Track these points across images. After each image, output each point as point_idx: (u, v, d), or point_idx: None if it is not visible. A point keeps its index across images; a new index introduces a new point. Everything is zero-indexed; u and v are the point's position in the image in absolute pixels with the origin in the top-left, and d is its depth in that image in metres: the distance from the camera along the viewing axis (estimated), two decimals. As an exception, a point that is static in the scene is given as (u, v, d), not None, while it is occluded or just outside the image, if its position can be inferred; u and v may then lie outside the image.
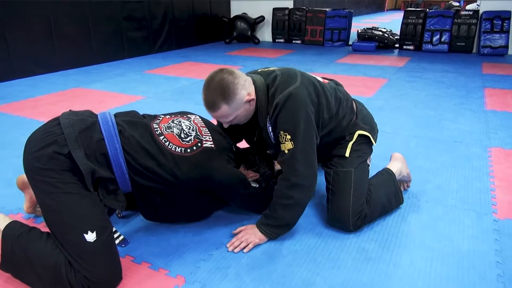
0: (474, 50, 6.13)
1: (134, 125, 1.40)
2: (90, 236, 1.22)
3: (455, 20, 6.06)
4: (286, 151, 1.45)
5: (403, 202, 1.76)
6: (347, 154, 1.61)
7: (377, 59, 5.65)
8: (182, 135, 1.44)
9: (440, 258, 1.44)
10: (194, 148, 1.43)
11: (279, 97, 1.43)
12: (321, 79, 1.63)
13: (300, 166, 1.44)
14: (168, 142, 1.39)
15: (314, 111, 1.48)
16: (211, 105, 1.42)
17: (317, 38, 7.04)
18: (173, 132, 1.43)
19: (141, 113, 1.54)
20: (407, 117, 3.05)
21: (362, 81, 4.28)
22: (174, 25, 6.39)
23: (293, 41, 7.28)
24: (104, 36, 5.27)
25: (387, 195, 1.69)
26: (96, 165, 1.28)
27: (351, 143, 1.63)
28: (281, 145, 1.46)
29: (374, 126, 1.75)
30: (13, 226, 1.30)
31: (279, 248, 1.51)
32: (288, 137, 1.43)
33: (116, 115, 1.43)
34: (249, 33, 7.18)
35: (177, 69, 5.00)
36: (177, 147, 1.40)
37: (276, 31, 7.38)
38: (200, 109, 3.61)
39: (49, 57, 4.63)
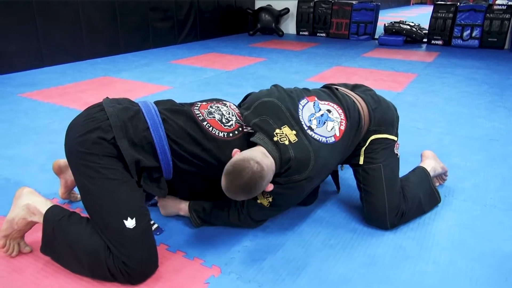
0: (506, 46, 5.93)
1: (176, 112, 1.40)
2: (130, 223, 1.22)
3: (487, 14, 5.87)
4: (258, 201, 1.42)
5: (440, 201, 1.72)
6: (361, 162, 1.56)
7: (405, 54, 5.53)
8: (224, 120, 1.45)
9: (481, 259, 1.40)
10: (236, 132, 1.44)
11: (281, 179, 1.36)
12: (340, 129, 1.47)
13: (257, 216, 1.50)
14: (211, 127, 1.40)
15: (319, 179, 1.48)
16: (231, 195, 1.28)
17: (342, 32, 6.93)
18: (214, 117, 1.44)
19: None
20: (439, 113, 2.97)
21: (390, 75, 4.20)
22: (199, 16, 6.38)
23: (318, 34, 7.18)
24: (130, 26, 5.30)
25: (423, 193, 1.64)
26: (142, 153, 1.29)
27: (363, 149, 1.57)
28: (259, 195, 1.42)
29: (393, 119, 1.63)
30: (54, 210, 1.32)
31: (314, 242, 1.49)
32: (270, 199, 1.40)
33: (156, 104, 1.43)
34: (273, 25, 7.12)
35: (202, 60, 5.00)
36: (219, 132, 1.41)
37: (300, 23, 7.29)
38: (225, 99, 3.61)
39: (77, 46, 4.69)
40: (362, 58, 5.23)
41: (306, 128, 1.41)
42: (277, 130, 1.37)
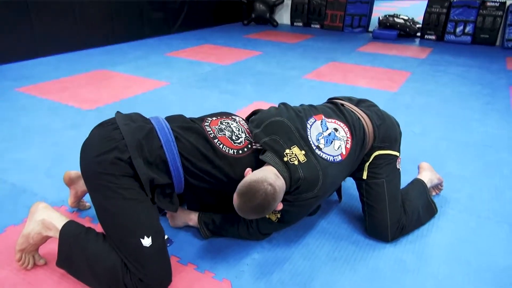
0: (498, 43, 6.02)
1: (188, 130, 1.43)
2: (147, 241, 1.27)
3: (481, 11, 5.93)
4: (267, 216, 1.49)
5: (436, 212, 1.80)
6: (364, 177, 1.62)
7: (399, 49, 5.57)
8: (234, 137, 1.49)
9: (478, 272, 1.48)
10: (245, 149, 1.48)
11: (290, 197, 1.41)
12: (347, 147, 1.52)
13: (266, 231, 1.57)
14: (222, 145, 1.44)
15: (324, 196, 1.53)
16: (243, 214, 1.34)
17: (336, 24, 6.93)
18: (225, 135, 1.47)
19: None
20: (435, 116, 3.04)
21: (385, 73, 4.25)
22: (193, 5, 6.31)
23: (312, 25, 7.18)
24: (125, 15, 5.23)
25: (422, 206, 1.72)
26: (156, 171, 1.33)
27: (367, 164, 1.62)
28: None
29: (396, 136, 1.68)
30: (70, 226, 1.35)
31: (319, 255, 1.55)
32: (278, 215, 1.48)
33: (168, 121, 1.46)
34: (267, 15, 7.09)
35: (198, 52, 4.97)
36: (230, 149, 1.44)
37: (295, 13, 7.26)
38: (224, 97, 3.59)
39: (71, 36, 4.62)
40: (357, 53, 5.26)
41: (314, 147, 1.45)
42: (287, 150, 1.41)
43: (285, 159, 1.39)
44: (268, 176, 1.32)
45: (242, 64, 4.49)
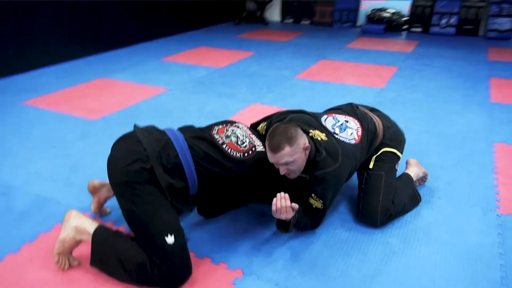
0: (481, 33, 6.26)
1: (200, 139, 1.66)
2: (170, 239, 1.49)
3: (464, 2, 6.16)
4: (314, 206, 1.71)
5: (420, 201, 2.03)
6: (370, 166, 1.90)
7: (386, 44, 5.79)
8: (239, 142, 1.71)
9: (453, 250, 1.72)
10: (250, 152, 1.71)
11: (318, 173, 1.66)
12: (359, 132, 1.82)
13: (320, 219, 1.78)
14: (230, 149, 1.66)
15: (347, 175, 1.76)
16: (276, 147, 1.56)
17: (326, 19, 7.13)
18: (231, 140, 1.70)
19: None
20: (419, 111, 3.27)
21: (373, 70, 4.47)
22: (186, 5, 6.47)
23: (302, 22, 7.38)
24: (121, 20, 5.40)
25: (408, 197, 1.95)
26: (174, 177, 1.54)
27: (374, 156, 1.92)
28: (311, 199, 1.70)
29: (401, 140, 2.01)
30: (101, 230, 1.56)
31: (316, 242, 1.78)
32: (320, 202, 1.70)
33: (181, 131, 1.68)
34: (258, 13, 7.27)
35: (194, 55, 5.16)
36: (236, 153, 1.67)
37: (285, 10, 7.47)
38: (221, 101, 3.80)
39: (70, 44, 4.79)
40: (346, 49, 5.47)
41: (332, 132, 1.76)
42: (311, 130, 1.71)
43: (310, 134, 1.69)
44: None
45: (236, 66, 4.68)
